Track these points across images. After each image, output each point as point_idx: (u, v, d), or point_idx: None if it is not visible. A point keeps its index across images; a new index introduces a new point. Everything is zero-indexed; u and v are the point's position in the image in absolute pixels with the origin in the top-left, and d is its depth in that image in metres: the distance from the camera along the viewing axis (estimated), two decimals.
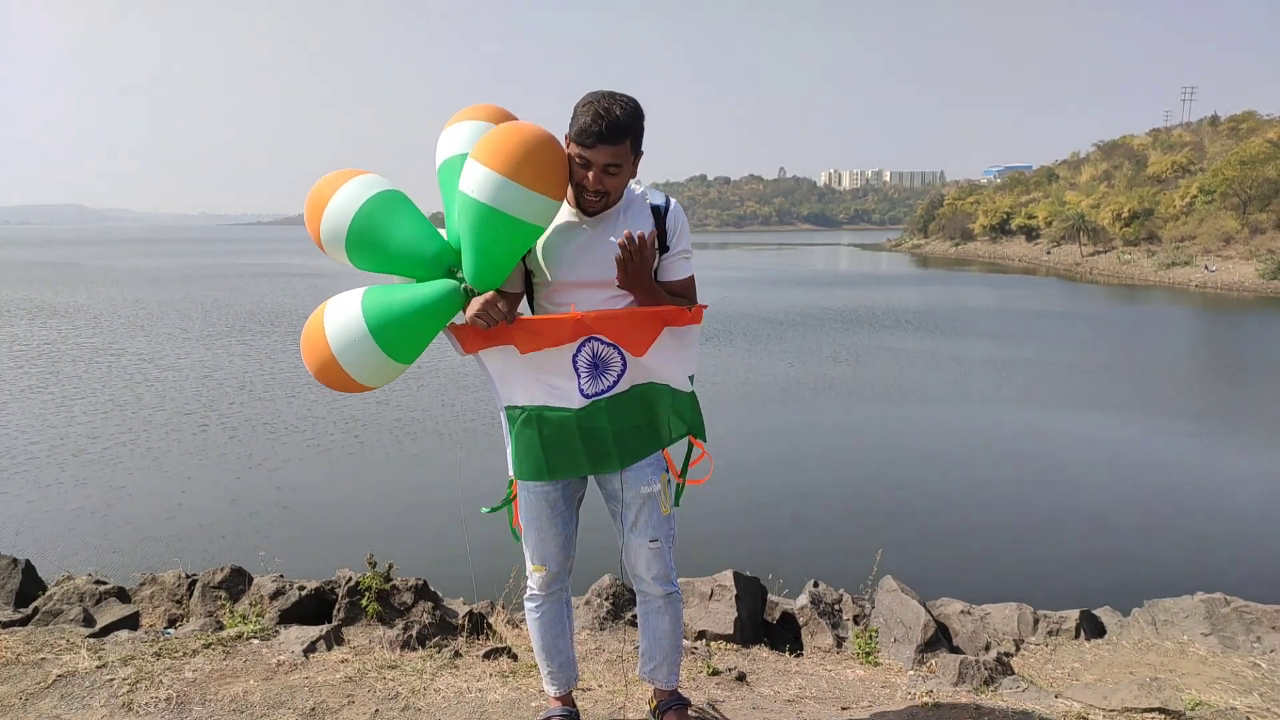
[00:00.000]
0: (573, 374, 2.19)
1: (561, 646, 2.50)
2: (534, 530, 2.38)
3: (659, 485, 2.32)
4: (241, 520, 9.86)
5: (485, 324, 2.12)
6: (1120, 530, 9.65)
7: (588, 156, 2.09)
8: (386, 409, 15.13)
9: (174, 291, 39.48)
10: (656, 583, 2.37)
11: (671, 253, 2.30)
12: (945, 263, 67.79)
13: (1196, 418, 15.73)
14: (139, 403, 15.86)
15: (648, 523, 2.32)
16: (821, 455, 12.97)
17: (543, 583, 2.43)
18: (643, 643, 2.49)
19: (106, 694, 2.72)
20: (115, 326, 26.81)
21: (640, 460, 2.30)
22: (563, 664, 2.51)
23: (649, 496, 2.31)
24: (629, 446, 2.28)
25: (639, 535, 2.32)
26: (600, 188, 2.13)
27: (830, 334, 25.70)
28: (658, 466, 2.34)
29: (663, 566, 2.36)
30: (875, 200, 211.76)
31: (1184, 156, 63.81)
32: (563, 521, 2.38)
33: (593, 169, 2.10)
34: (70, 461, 12.10)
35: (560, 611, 2.49)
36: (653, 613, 2.42)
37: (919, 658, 3.56)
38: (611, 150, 2.08)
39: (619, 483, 2.31)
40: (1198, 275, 45.43)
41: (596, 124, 2.05)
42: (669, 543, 2.37)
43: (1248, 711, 2.91)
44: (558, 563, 2.41)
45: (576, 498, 2.42)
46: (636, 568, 2.37)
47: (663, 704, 2.51)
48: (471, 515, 2.84)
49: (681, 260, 2.32)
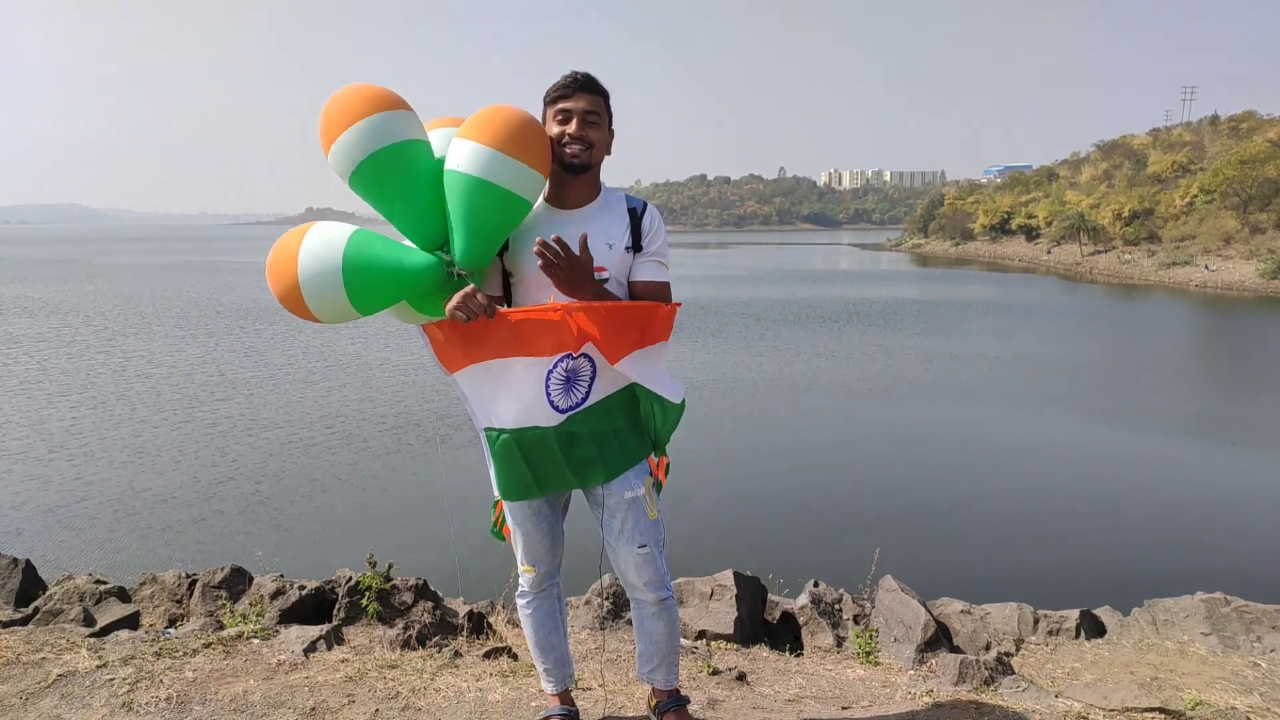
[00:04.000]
0: (543, 393, 2.16)
1: (555, 643, 2.50)
2: (521, 536, 2.39)
3: (643, 489, 2.28)
4: (242, 520, 9.87)
5: (465, 316, 2.09)
6: (1120, 530, 9.65)
7: (567, 106, 2.17)
8: (387, 409, 15.14)
9: (173, 291, 39.48)
10: (649, 588, 2.33)
11: (645, 254, 2.28)
12: (945, 262, 67.82)
13: (1197, 417, 15.74)
14: (139, 402, 15.87)
15: (635, 529, 2.28)
16: (822, 455, 12.96)
17: (533, 582, 2.45)
18: (639, 645, 2.48)
19: (106, 694, 2.72)
20: (114, 326, 26.81)
21: (626, 470, 2.28)
22: (557, 661, 2.51)
23: (633, 501, 2.27)
24: (612, 455, 2.25)
25: (626, 542, 2.29)
26: (583, 134, 2.16)
27: (829, 333, 25.69)
28: (641, 470, 2.31)
29: (654, 571, 2.32)
30: (875, 200, 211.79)
31: (1184, 156, 63.80)
32: (548, 525, 2.38)
33: (574, 117, 2.17)
34: (71, 461, 12.10)
35: (552, 608, 2.49)
36: (647, 618, 2.40)
37: (919, 657, 3.56)
38: (589, 98, 2.18)
39: (601, 490, 2.29)
40: (1198, 275, 45.43)
41: (570, 76, 2.19)
42: (659, 548, 2.32)
43: (1248, 711, 2.91)
44: (547, 562, 2.42)
45: (562, 501, 2.43)
46: (627, 575, 2.34)
47: (662, 704, 2.50)
48: (461, 511, 2.85)
49: (654, 263, 2.29)
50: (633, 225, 2.25)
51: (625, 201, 2.29)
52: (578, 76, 2.19)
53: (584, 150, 2.17)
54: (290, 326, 25.96)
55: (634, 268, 2.27)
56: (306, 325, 26.37)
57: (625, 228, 2.24)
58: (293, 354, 21.38)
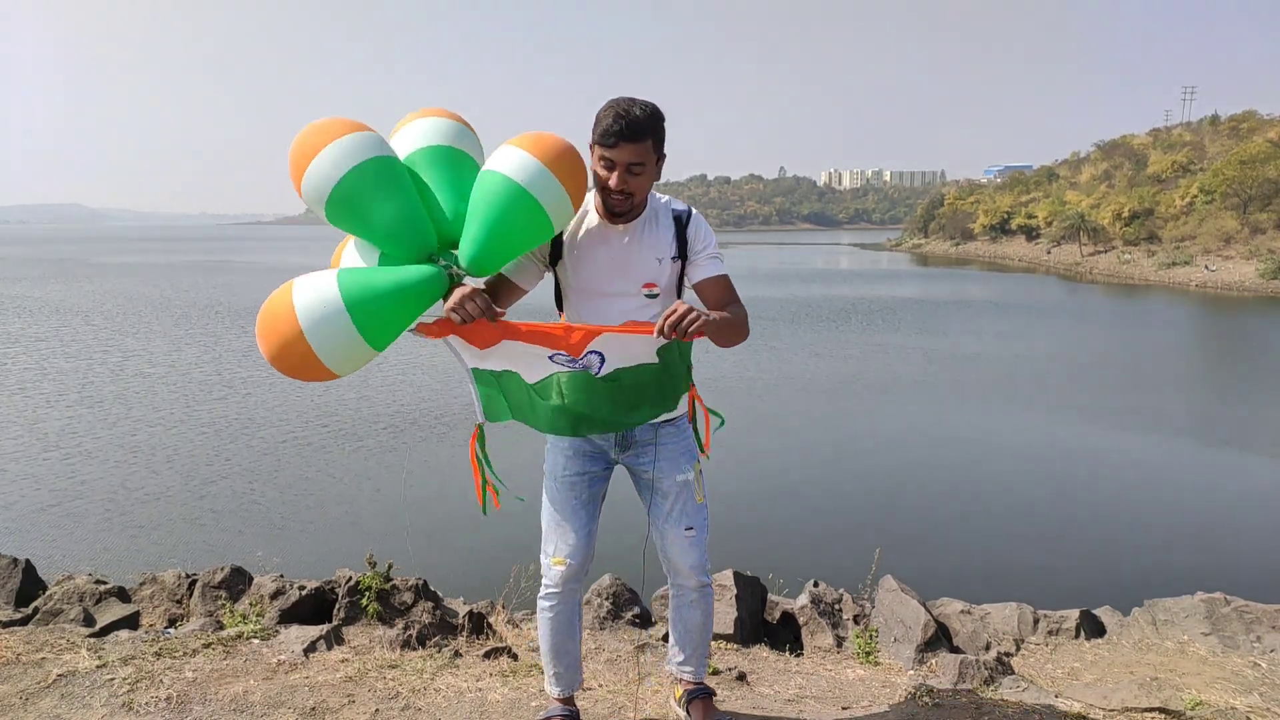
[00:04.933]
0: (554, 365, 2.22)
1: (570, 649, 2.49)
2: (557, 522, 2.37)
3: (693, 474, 2.36)
4: (241, 520, 9.87)
5: (460, 319, 2.09)
6: (1120, 530, 9.65)
7: (611, 156, 2.14)
8: (386, 408, 15.13)
9: (173, 291, 39.48)
10: (693, 572, 2.38)
11: (695, 255, 2.32)
12: (945, 262, 67.82)
13: (1197, 417, 15.74)
14: (138, 402, 15.86)
15: (683, 511, 2.35)
16: (821, 454, 12.97)
17: (561, 578, 2.39)
18: (673, 635, 2.51)
19: (106, 694, 2.72)
20: (114, 325, 26.81)
21: (672, 408, 2.32)
22: (569, 666, 2.51)
23: (684, 484, 2.34)
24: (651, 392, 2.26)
25: (674, 524, 2.35)
26: (624, 187, 2.16)
27: (829, 332, 25.70)
28: (690, 455, 2.37)
29: (698, 555, 2.38)
30: (875, 200, 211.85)
31: (1184, 156, 63.77)
32: (587, 515, 2.38)
33: (617, 168, 2.14)
34: (71, 461, 12.10)
35: (572, 614, 2.47)
36: (685, 605, 2.45)
37: (919, 657, 3.55)
38: (633, 148, 2.13)
39: (653, 472, 2.34)
40: (1198, 275, 45.42)
41: (618, 124, 2.10)
42: (703, 532, 2.39)
43: (1248, 711, 2.91)
44: (579, 558, 2.37)
45: (600, 494, 2.44)
46: (672, 557, 2.39)
47: (690, 692, 2.54)
48: (462, 510, 2.83)
49: (708, 260, 2.33)
50: (678, 233, 2.30)
51: (671, 209, 2.33)
52: (623, 125, 2.10)
53: (625, 200, 2.19)
54: None
55: (690, 270, 2.32)
56: None
57: (672, 237, 2.29)
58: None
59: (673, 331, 2.01)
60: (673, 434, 2.37)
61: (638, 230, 2.28)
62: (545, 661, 2.51)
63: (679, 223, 2.30)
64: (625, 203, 2.20)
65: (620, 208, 2.21)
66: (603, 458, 2.40)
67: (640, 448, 2.36)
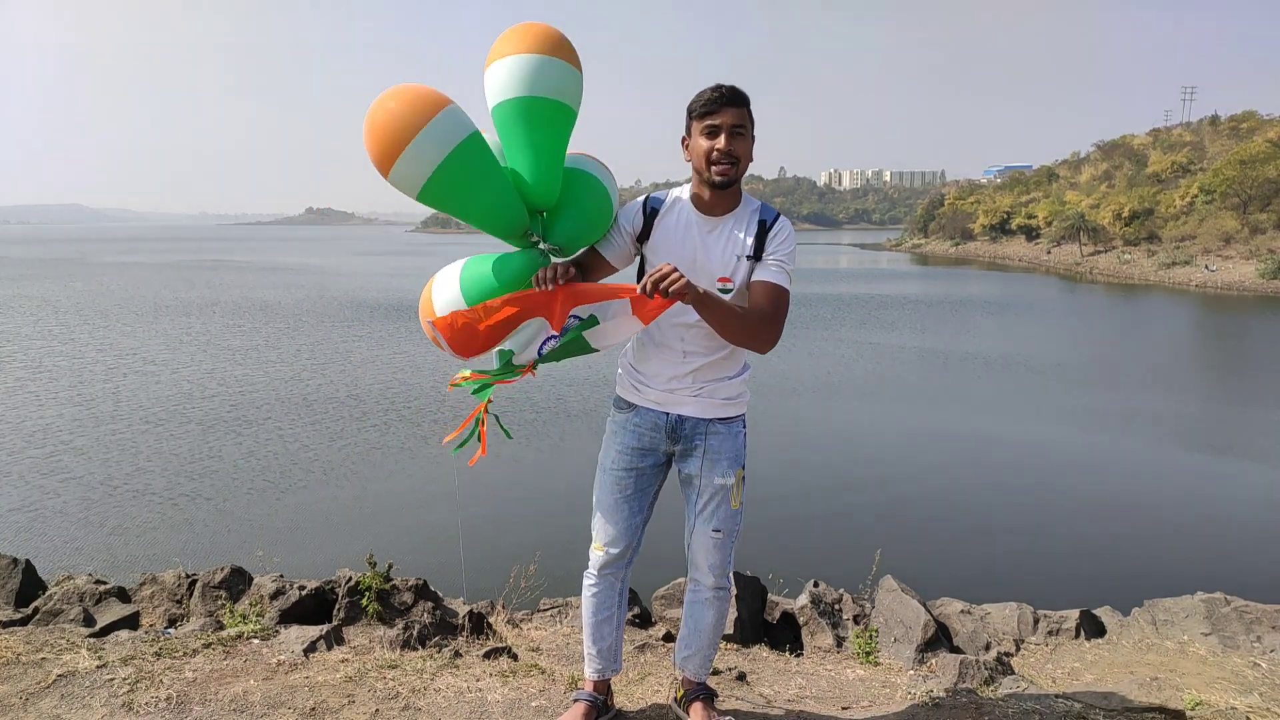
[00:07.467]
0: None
1: (606, 633, 2.52)
2: (601, 510, 2.46)
3: (733, 480, 2.39)
4: (241, 520, 9.87)
5: (540, 289, 2.21)
6: (1120, 530, 9.66)
7: (715, 122, 2.22)
8: (386, 408, 15.13)
9: (172, 290, 39.48)
10: (711, 572, 2.43)
11: (765, 260, 2.32)
12: (945, 262, 67.83)
13: (1197, 417, 15.74)
14: (138, 402, 15.86)
15: (714, 513, 2.39)
16: (821, 454, 12.97)
17: (599, 563, 2.48)
18: (683, 630, 2.54)
19: (106, 694, 2.72)
20: (113, 325, 26.81)
21: None
22: (603, 650, 2.53)
23: (722, 489, 2.38)
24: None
25: (705, 522, 2.40)
26: (731, 149, 2.21)
27: (828, 332, 25.69)
28: (736, 460, 2.40)
29: (721, 559, 2.43)
30: (875, 200, 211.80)
31: (1184, 156, 63.81)
32: (629, 509, 2.44)
33: (722, 132, 2.21)
34: (70, 461, 12.10)
35: (611, 595, 2.51)
36: (700, 603, 2.48)
37: (919, 657, 3.56)
38: (736, 111, 2.22)
39: (697, 470, 2.38)
40: (1198, 275, 45.45)
41: (718, 92, 2.22)
42: (732, 538, 2.43)
43: (1248, 711, 2.90)
44: (618, 548, 2.45)
45: (651, 489, 2.48)
46: (695, 555, 2.44)
47: (690, 693, 2.55)
48: (463, 511, 2.85)
49: (774, 265, 2.31)
50: (759, 235, 2.32)
51: (760, 212, 2.36)
52: (723, 90, 2.22)
53: (731, 167, 2.23)
54: (289, 325, 25.96)
55: (756, 270, 2.33)
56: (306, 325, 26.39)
57: (753, 238, 2.32)
58: (292, 353, 21.37)
59: (654, 289, 2.04)
60: (722, 435, 2.40)
61: (725, 225, 2.33)
62: (584, 641, 2.56)
63: (763, 226, 2.33)
64: (731, 170, 2.23)
65: (726, 175, 2.23)
66: (653, 453, 2.44)
67: (688, 442, 2.40)
